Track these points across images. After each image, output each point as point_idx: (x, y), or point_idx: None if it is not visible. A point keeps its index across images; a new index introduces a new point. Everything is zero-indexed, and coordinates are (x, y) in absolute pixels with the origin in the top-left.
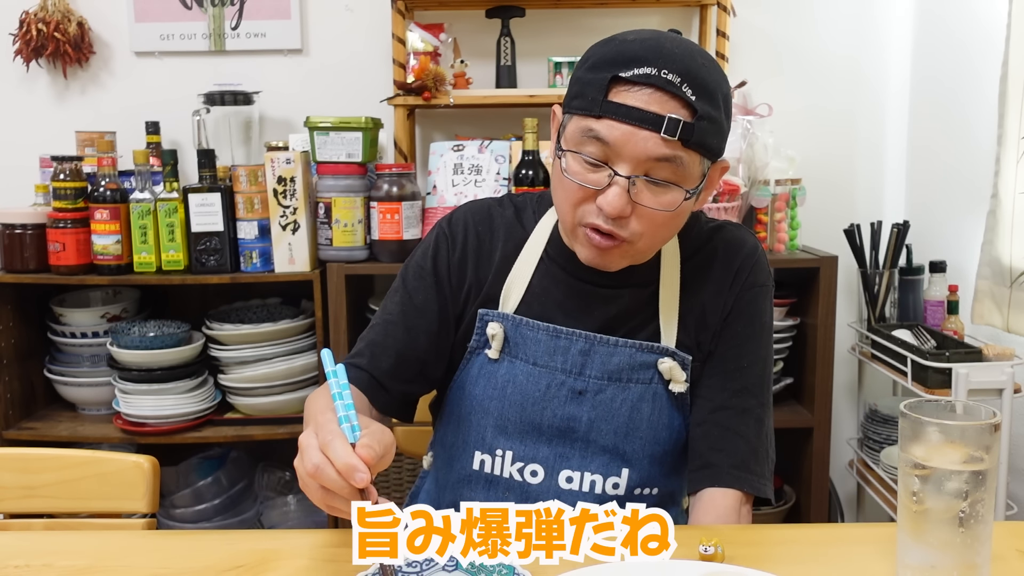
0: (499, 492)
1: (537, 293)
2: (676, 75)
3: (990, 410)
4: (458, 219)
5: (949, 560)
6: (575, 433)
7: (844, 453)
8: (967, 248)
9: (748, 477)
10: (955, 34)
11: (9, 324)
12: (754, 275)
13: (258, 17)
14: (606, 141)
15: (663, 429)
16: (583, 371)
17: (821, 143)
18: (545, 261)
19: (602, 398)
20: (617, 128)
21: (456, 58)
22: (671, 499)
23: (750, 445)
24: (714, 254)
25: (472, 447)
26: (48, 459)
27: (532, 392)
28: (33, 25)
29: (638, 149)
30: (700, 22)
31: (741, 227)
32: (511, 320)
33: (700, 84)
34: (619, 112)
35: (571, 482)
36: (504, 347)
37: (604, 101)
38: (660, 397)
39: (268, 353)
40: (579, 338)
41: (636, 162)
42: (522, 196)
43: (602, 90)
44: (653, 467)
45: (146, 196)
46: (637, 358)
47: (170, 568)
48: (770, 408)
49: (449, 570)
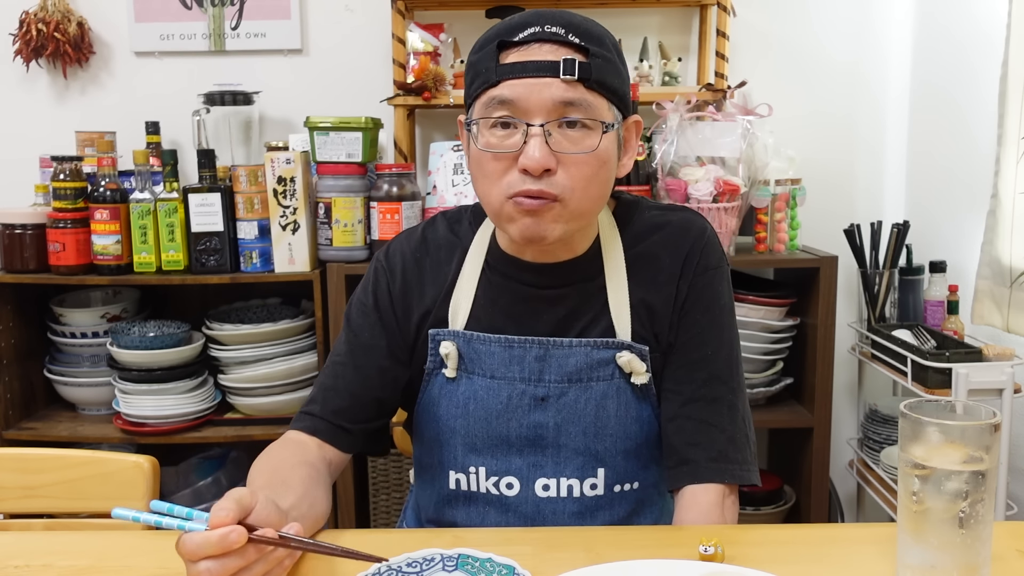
0: (479, 507)
1: (484, 305)
2: (560, 27)
3: (990, 410)
4: (395, 250)
5: (949, 560)
6: (544, 440)
7: (844, 453)
8: (967, 248)
9: (729, 467)
10: (955, 34)
11: (9, 324)
12: (705, 258)
13: (258, 17)
14: (510, 100)
15: (632, 423)
16: (542, 377)
17: (821, 143)
18: (487, 272)
19: (565, 401)
20: (518, 84)
21: (456, 58)
22: (655, 490)
23: (726, 434)
24: (660, 241)
25: (446, 467)
26: (48, 459)
27: (494, 406)
28: (33, 25)
29: (543, 97)
30: (700, 22)
31: (687, 209)
32: (462, 336)
33: (585, 31)
34: (515, 70)
35: (548, 490)
36: (460, 364)
37: (498, 66)
38: (624, 391)
39: (268, 353)
40: (533, 344)
41: (545, 111)
42: (456, 210)
43: (493, 58)
44: (628, 462)
45: (146, 196)
46: (594, 356)
47: (170, 568)
48: (743, 391)
49: (449, 570)
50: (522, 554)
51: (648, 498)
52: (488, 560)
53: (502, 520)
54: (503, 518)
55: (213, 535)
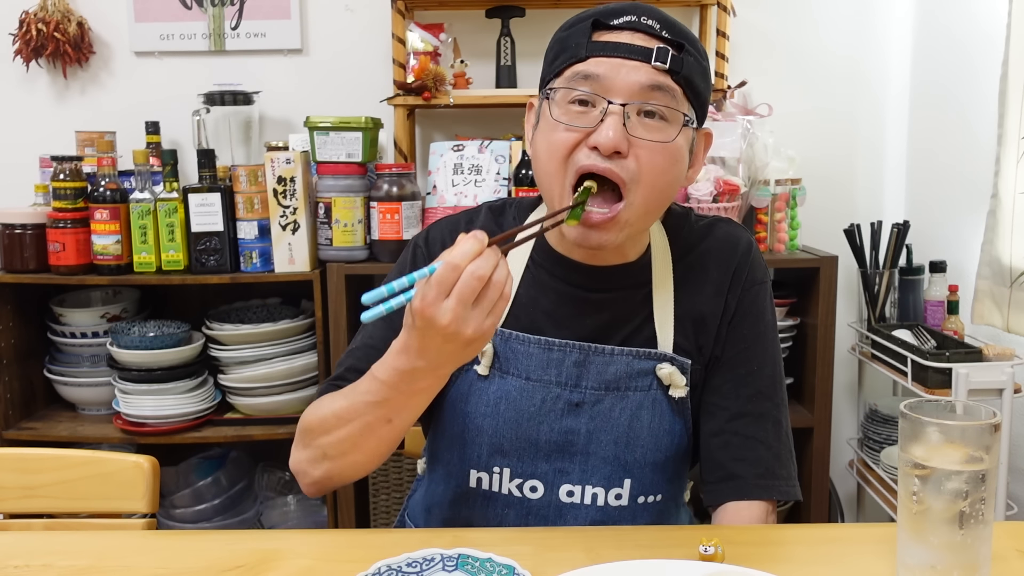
0: (498, 509)
1: (524, 303)
2: (656, 22)
3: (990, 410)
4: (435, 236)
5: (949, 560)
6: (574, 447)
7: (844, 453)
8: (967, 248)
9: (776, 484)
10: (955, 34)
11: (9, 324)
12: (753, 273)
13: (258, 17)
14: (596, 75)
15: (664, 436)
16: (579, 383)
17: (821, 143)
18: (531, 268)
19: (600, 409)
20: (606, 63)
21: (456, 58)
22: (674, 503)
23: (772, 450)
24: (708, 253)
25: (468, 466)
26: (48, 459)
27: (527, 408)
28: (33, 25)
29: (630, 79)
30: (700, 22)
31: (733, 222)
32: (500, 334)
33: (679, 31)
34: (606, 49)
35: (572, 496)
36: (494, 363)
37: (589, 42)
38: (660, 404)
39: (268, 353)
40: (573, 349)
41: (629, 92)
42: (500, 201)
43: (586, 34)
44: (656, 475)
45: (146, 196)
46: (634, 366)
47: (170, 568)
48: (785, 406)
49: (449, 570)
50: (522, 554)
51: (667, 510)
52: (488, 560)
53: (521, 523)
54: (522, 521)
55: (469, 238)
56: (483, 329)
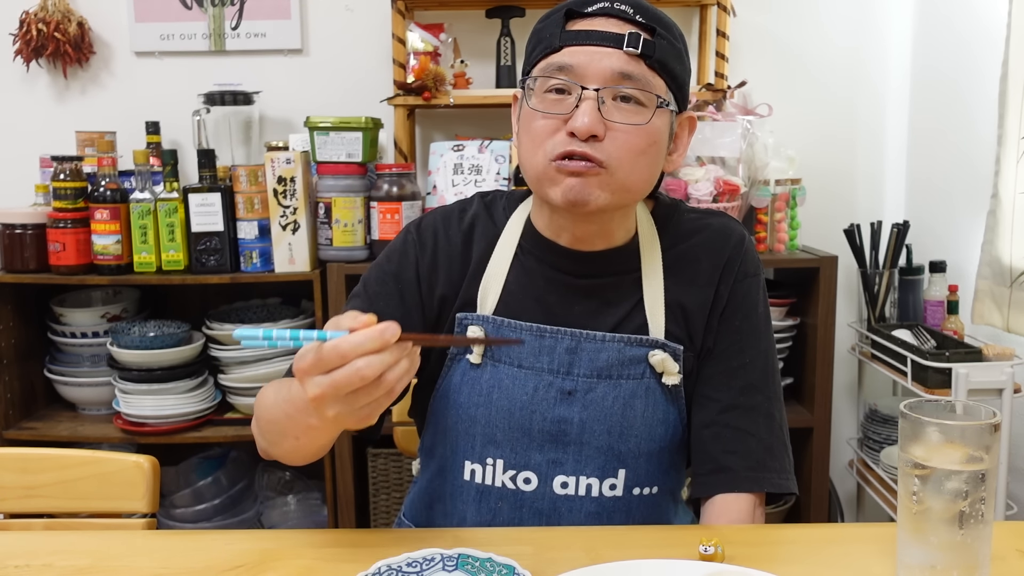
0: (491, 502)
1: (514, 291)
2: (628, 6)
3: (990, 410)
4: (427, 225)
5: (949, 560)
6: (567, 436)
7: (844, 453)
8: (967, 248)
9: (766, 476)
10: (955, 34)
11: (9, 324)
12: (745, 265)
13: (258, 17)
14: (570, 66)
15: (658, 425)
16: (571, 370)
17: (821, 143)
18: (520, 256)
19: (593, 397)
20: (579, 52)
21: (456, 58)
22: (671, 495)
23: (763, 443)
24: (700, 244)
25: (461, 457)
26: (48, 459)
27: (519, 396)
28: (33, 25)
29: (603, 66)
30: (700, 22)
31: (726, 216)
32: (491, 322)
33: (653, 14)
34: (579, 38)
35: (566, 487)
36: (486, 351)
37: (563, 33)
38: (653, 391)
39: (268, 353)
40: (565, 336)
41: (602, 78)
42: (491, 193)
43: (559, 25)
44: (651, 465)
45: (146, 196)
46: (627, 352)
47: (170, 568)
48: (779, 400)
49: (449, 570)
50: (522, 554)
51: (664, 504)
52: (488, 560)
53: (515, 516)
54: (517, 514)
55: (373, 331)
56: (352, 417)
